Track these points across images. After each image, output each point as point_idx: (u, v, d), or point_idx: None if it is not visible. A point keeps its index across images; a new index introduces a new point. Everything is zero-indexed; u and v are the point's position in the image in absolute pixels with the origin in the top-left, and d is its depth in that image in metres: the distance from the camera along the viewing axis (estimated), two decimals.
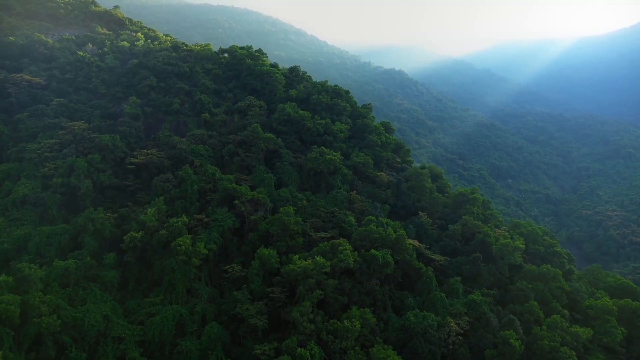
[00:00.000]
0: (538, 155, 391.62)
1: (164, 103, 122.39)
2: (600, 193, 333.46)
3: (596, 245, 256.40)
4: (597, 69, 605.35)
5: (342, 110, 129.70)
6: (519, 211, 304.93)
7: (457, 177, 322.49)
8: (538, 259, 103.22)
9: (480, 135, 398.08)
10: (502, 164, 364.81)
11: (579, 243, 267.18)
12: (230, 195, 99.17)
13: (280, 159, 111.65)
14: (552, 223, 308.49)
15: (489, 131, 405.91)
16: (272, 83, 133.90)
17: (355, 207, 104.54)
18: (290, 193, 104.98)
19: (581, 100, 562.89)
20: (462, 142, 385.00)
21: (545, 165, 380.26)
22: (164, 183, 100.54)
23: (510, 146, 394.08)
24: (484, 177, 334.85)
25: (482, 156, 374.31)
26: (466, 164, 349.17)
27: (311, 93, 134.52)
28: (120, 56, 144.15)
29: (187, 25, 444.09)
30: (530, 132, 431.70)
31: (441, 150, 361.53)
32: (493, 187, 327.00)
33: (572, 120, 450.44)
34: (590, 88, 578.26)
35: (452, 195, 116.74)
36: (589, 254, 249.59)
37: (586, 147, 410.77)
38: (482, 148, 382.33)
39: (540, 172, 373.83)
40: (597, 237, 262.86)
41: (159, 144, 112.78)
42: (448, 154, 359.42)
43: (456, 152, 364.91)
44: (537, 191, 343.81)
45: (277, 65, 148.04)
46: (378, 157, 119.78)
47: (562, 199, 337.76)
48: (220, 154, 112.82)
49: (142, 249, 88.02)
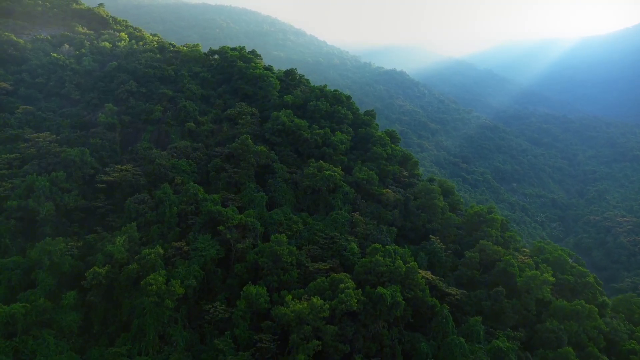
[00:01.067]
0: (543, 158, 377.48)
1: (144, 111, 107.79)
2: (608, 198, 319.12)
3: (606, 253, 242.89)
4: (600, 69, 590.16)
5: (343, 118, 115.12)
6: (524, 216, 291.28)
7: (461, 181, 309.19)
8: (567, 291, 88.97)
9: (484, 137, 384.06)
10: (506, 167, 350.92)
11: (588, 250, 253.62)
12: (214, 219, 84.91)
13: (274, 175, 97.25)
14: (559, 229, 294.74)
15: (492, 133, 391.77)
16: (266, 88, 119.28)
17: (358, 231, 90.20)
18: (284, 215, 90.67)
19: (584, 101, 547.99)
20: (465, 145, 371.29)
21: (550, 169, 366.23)
22: (139, 205, 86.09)
23: (515, 149, 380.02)
24: (488, 181, 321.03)
25: (486, 159, 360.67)
26: (470, 168, 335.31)
27: (309, 99, 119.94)
28: (100, 58, 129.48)
29: (184, 25, 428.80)
30: (534, 134, 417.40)
31: (444, 154, 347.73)
32: (497, 192, 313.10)
33: (576, 122, 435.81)
34: (593, 89, 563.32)
35: (467, 215, 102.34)
36: (598, 261, 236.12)
37: (592, 150, 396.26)
38: (485, 151, 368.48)
39: (546, 175, 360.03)
40: (606, 244, 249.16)
41: (136, 157, 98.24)
42: (451, 157, 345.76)
43: (459, 155, 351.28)
44: (543, 195, 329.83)
45: (272, 68, 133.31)
46: (383, 171, 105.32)
47: (568, 203, 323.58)
48: (205, 169, 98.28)
49: (109, 285, 73.76)
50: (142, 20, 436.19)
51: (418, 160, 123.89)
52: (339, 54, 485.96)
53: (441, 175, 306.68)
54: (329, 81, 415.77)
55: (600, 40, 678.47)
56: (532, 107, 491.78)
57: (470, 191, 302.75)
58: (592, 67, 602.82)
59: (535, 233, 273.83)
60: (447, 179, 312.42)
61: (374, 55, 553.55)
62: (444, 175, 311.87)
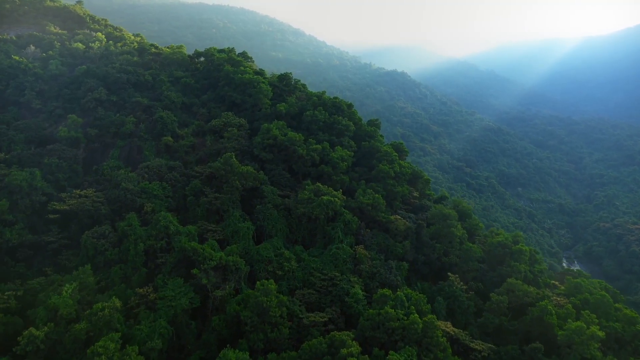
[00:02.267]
0: (548, 161, 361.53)
1: (114, 122, 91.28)
2: (617, 203, 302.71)
3: (618, 262, 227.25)
4: (603, 69, 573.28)
5: (344, 130, 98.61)
6: (531, 223, 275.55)
7: (465, 187, 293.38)
8: (613, 341, 72.75)
9: (488, 140, 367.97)
10: (511, 171, 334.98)
11: (598, 259, 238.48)
12: (189, 258, 68.80)
13: (262, 200, 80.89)
14: (567, 236, 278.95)
15: (496, 136, 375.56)
16: (256, 95, 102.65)
17: (363, 270, 73.96)
18: (274, 250, 74.45)
19: (588, 101, 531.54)
20: (468, 148, 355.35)
21: (556, 172, 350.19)
22: (98, 240, 69.78)
23: (519, 152, 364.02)
24: (493, 186, 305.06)
25: (490, 162, 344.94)
26: (474, 172, 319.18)
27: (305, 107, 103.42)
28: (71, 61, 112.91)
29: (180, 25, 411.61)
30: (539, 137, 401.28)
31: (447, 157, 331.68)
32: (503, 197, 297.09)
33: (581, 124, 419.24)
34: (596, 89, 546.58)
35: (488, 245, 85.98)
36: (609, 271, 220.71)
37: (598, 153, 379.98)
38: (489, 154, 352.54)
39: (551, 179, 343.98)
40: (618, 253, 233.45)
41: (100, 179, 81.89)
42: (454, 161, 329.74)
43: (463, 158, 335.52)
44: (549, 200, 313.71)
45: (264, 72, 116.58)
46: (391, 193, 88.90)
47: (576, 209, 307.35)
48: (182, 192, 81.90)
49: (51, 350, 57.57)
50: (137, 21, 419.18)
51: (430, 179, 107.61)
52: (339, 54, 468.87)
53: (445, 180, 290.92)
54: (329, 82, 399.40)
55: (602, 41, 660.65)
56: (535, 109, 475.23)
57: (475, 197, 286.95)
58: (595, 67, 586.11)
59: (543, 241, 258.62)
60: (451, 183, 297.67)
61: (374, 55, 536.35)
62: (448, 180, 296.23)
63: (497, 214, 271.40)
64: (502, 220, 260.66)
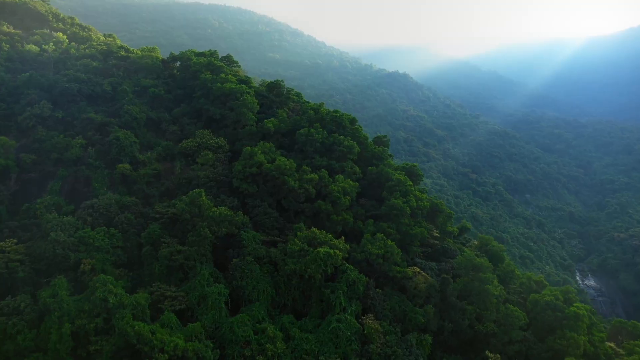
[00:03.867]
0: (556, 166, 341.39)
1: (58, 146, 70.71)
2: (630, 211, 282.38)
3: (635, 277, 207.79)
4: (608, 70, 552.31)
5: (347, 153, 77.81)
6: (542, 233, 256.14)
7: (471, 194, 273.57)
8: None
9: (493, 144, 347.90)
10: (518, 177, 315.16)
11: (614, 272, 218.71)
12: (132, 346, 48.42)
13: (241, 251, 60.46)
14: (580, 247, 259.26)
15: (502, 140, 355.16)
16: (239, 109, 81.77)
17: (373, 351, 53.53)
18: (253, 324, 54.05)
19: (592, 103, 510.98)
20: (474, 153, 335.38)
21: (565, 178, 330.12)
22: (8, 318, 49.43)
23: (526, 157, 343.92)
24: (500, 193, 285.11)
25: (496, 168, 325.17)
26: (480, 178, 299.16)
27: (299, 124, 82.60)
28: (20, 67, 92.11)
29: (174, 25, 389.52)
30: (546, 140, 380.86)
31: (452, 163, 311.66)
32: (511, 205, 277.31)
33: (589, 127, 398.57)
34: (601, 90, 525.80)
35: (533, 304, 65.40)
36: (626, 285, 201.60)
37: (608, 157, 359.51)
38: (495, 159, 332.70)
39: (560, 185, 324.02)
40: (635, 266, 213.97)
41: (28, 224, 61.38)
42: (460, 166, 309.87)
43: (468, 164, 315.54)
44: (559, 208, 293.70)
45: (251, 80, 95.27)
46: (406, 236, 68.36)
47: (587, 217, 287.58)
48: (136, 241, 61.46)
49: None
50: (129, 21, 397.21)
51: (452, 213, 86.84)
52: (339, 55, 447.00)
53: (450, 187, 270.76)
54: (328, 84, 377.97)
55: (605, 41, 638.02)
56: (539, 111, 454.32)
57: (482, 205, 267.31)
58: (598, 68, 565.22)
59: (554, 253, 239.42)
60: (457, 190, 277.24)
61: (374, 56, 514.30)
62: (453, 187, 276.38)
63: (506, 223, 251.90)
64: (511, 230, 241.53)
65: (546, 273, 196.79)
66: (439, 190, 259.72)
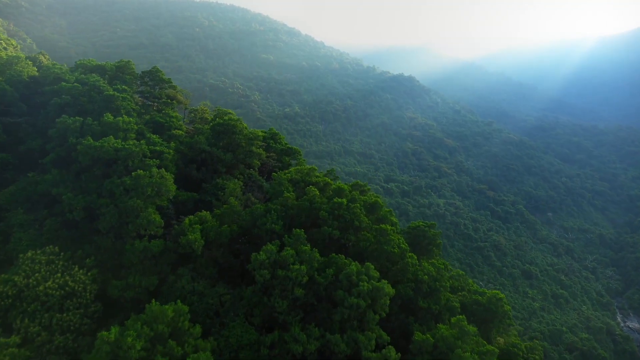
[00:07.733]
0: (579, 179, 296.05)
1: None
2: None
3: None
4: (618, 71, 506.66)
5: (362, 314, 31.74)
6: (573, 263, 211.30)
7: (489, 215, 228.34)
8: None
9: (510, 155, 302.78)
10: (539, 194, 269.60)
11: None
12: None
13: None
14: (616, 278, 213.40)
15: (518, 150, 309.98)
16: (131, 199, 36.17)
17: None
18: None
19: (605, 106, 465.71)
20: (489, 166, 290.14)
21: (590, 193, 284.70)
22: None
23: (546, 169, 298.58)
24: (522, 213, 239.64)
25: (515, 183, 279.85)
26: (497, 196, 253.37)
27: (261, 225, 36.50)
28: None
29: (160, 23, 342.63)
30: (564, 149, 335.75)
31: (466, 179, 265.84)
32: (534, 227, 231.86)
33: (609, 134, 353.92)
34: (613, 93, 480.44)
35: None
36: None
37: (634, 169, 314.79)
38: (513, 173, 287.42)
39: (585, 202, 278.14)
40: None
41: None
42: (475, 182, 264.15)
43: (484, 179, 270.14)
44: (587, 229, 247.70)
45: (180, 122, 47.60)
46: None
47: (620, 241, 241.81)
48: None
49: None
50: (111, 19, 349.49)
51: None
52: (338, 56, 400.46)
53: (465, 207, 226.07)
54: (327, 88, 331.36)
55: (616, 41, 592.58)
56: (552, 115, 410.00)
57: (503, 228, 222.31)
58: (610, 69, 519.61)
59: (589, 287, 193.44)
60: (473, 211, 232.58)
61: (376, 58, 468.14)
62: (469, 206, 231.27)
63: (532, 253, 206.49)
64: (539, 262, 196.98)
65: (585, 316, 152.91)
66: (454, 214, 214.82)
